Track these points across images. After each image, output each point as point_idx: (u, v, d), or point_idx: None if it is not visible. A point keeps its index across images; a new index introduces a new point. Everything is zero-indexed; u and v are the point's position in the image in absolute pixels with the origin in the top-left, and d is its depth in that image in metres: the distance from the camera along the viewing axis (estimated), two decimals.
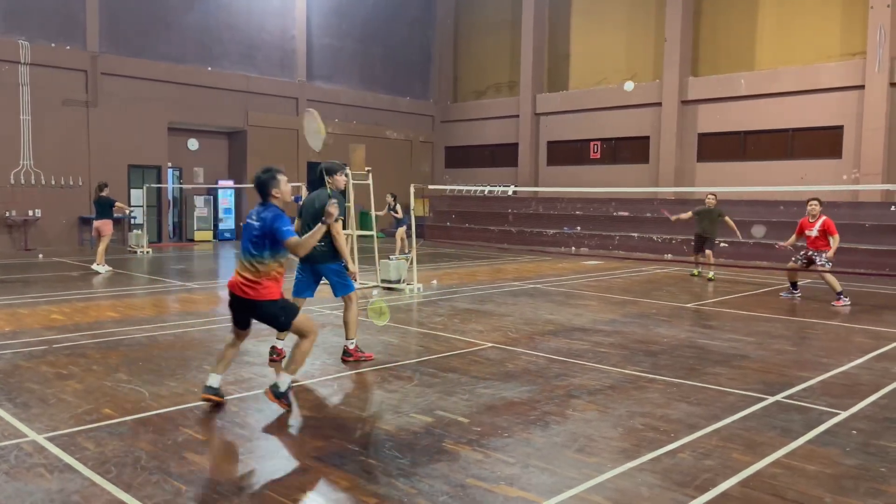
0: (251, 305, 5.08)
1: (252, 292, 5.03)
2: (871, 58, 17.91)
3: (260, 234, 5.01)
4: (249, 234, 5.09)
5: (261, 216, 5.06)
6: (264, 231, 4.99)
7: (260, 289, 5.03)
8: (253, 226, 5.07)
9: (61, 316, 9.01)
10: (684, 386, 6.02)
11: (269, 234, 4.98)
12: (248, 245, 5.09)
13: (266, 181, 5.11)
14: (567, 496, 3.77)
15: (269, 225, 4.98)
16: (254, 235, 5.04)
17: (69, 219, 19.61)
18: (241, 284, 5.05)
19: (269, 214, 5.02)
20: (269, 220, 4.99)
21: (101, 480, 3.88)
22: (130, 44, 20.48)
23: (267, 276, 5.04)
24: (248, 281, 5.04)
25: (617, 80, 23.26)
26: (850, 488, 3.93)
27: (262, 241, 5.01)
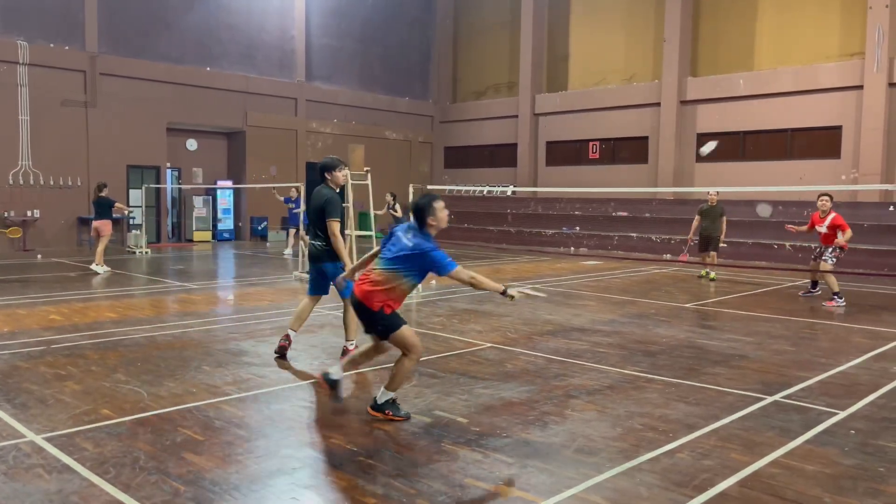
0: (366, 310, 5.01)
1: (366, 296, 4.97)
2: (870, 58, 17.93)
3: (409, 254, 4.93)
4: (396, 247, 5.01)
5: (417, 242, 4.94)
6: (414, 254, 4.91)
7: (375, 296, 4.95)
8: (405, 244, 4.97)
9: (60, 316, 9.00)
10: (683, 386, 6.02)
11: (417, 260, 4.91)
12: (387, 253, 5.04)
13: (424, 207, 5.01)
14: (566, 496, 3.77)
15: (423, 254, 4.89)
16: (401, 251, 4.96)
17: (68, 219, 19.60)
18: (362, 284, 5.04)
19: (429, 246, 4.91)
20: (427, 250, 4.89)
21: (100, 481, 3.88)
22: (129, 44, 20.47)
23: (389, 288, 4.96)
24: (370, 284, 4.99)
25: (616, 80, 23.26)
26: (848, 488, 3.93)
27: (405, 261, 4.95)
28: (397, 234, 5.13)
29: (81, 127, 19.60)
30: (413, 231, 5.07)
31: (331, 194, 6.59)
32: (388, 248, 5.11)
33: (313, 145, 24.78)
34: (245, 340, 7.65)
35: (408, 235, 5.05)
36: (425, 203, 5.06)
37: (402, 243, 5.01)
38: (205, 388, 5.78)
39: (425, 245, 4.93)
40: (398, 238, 5.08)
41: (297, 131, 24.29)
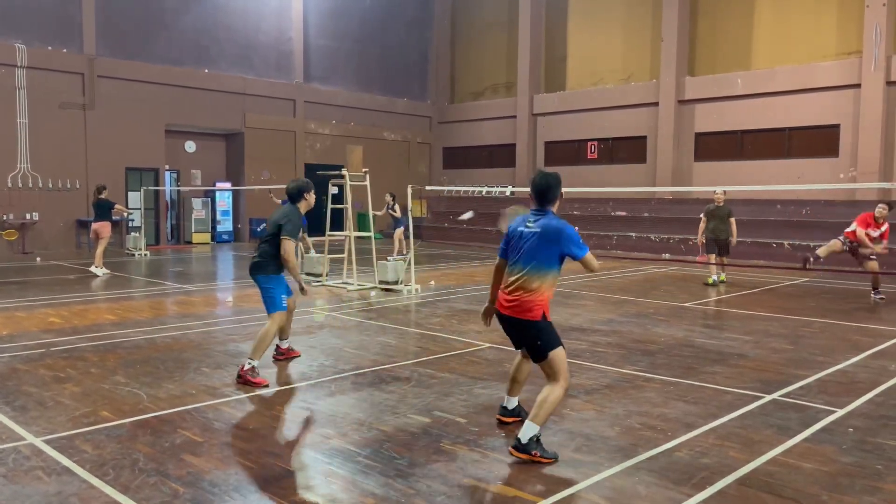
0: (516, 323, 4.49)
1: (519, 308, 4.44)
2: (868, 56, 17.95)
3: (541, 237, 4.41)
4: (529, 238, 4.45)
5: (546, 221, 4.43)
6: (548, 235, 4.40)
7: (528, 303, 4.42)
8: (533, 230, 4.45)
9: (59, 319, 9.00)
10: (682, 385, 6.03)
11: (553, 241, 4.40)
12: (516, 254, 4.51)
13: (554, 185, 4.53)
14: (564, 495, 3.77)
15: (557, 232, 4.39)
16: (534, 241, 4.42)
17: (67, 221, 19.59)
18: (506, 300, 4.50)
19: (562, 223, 4.43)
20: (561, 227, 4.40)
21: (99, 483, 3.88)
22: (127, 46, 20.47)
23: (537, 288, 4.42)
24: (516, 293, 4.45)
25: (614, 80, 23.29)
26: (846, 486, 3.94)
27: (539, 249, 4.40)
28: (517, 229, 4.54)
29: (80, 129, 19.60)
30: (535, 214, 4.53)
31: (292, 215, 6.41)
32: (519, 246, 4.49)
33: (312, 146, 24.78)
34: (244, 342, 7.65)
35: (529, 223, 4.50)
36: (555, 180, 4.53)
37: (529, 231, 4.46)
38: (204, 390, 5.78)
39: (555, 221, 4.42)
40: (523, 232, 4.49)
41: (295, 133, 24.29)
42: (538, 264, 4.40)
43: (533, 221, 4.49)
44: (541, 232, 4.41)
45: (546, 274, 4.41)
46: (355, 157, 12.69)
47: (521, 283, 4.42)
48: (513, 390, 4.98)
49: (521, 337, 4.53)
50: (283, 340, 6.93)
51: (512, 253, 4.56)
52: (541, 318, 4.38)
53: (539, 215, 4.51)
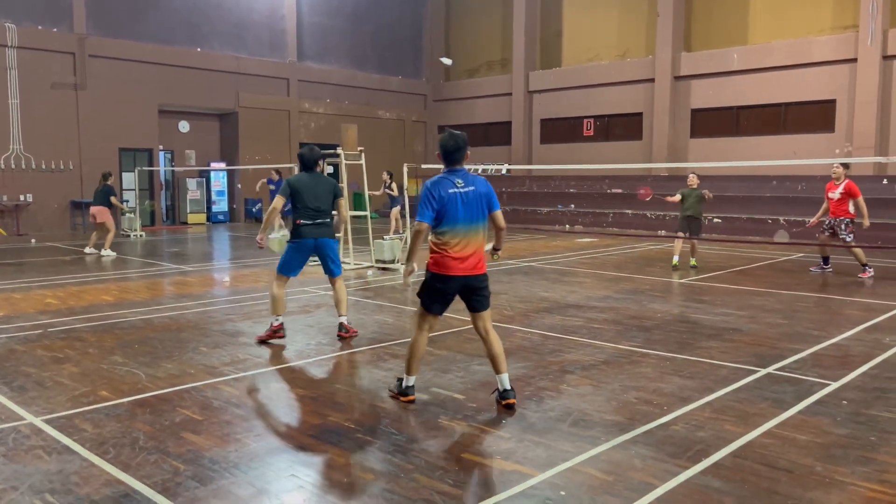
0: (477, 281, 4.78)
1: (483, 264, 4.78)
2: (864, 31, 17.86)
3: (478, 199, 4.71)
4: (476, 202, 4.70)
5: (478, 180, 4.76)
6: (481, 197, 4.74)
7: (483, 259, 4.82)
8: (479, 192, 4.72)
9: (56, 300, 9.00)
10: (677, 360, 6.07)
11: (487, 199, 4.77)
12: (479, 214, 4.73)
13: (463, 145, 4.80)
14: (562, 469, 3.81)
15: (488, 190, 4.80)
16: (480, 202, 4.71)
17: (61, 203, 19.53)
18: (479, 259, 4.76)
19: (482, 180, 4.81)
20: (484, 185, 4.79)
21: (100, 461, 3.91)
22: (118, 25, 20.26)
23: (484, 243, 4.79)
24: (480, 251, 4.76)
25: (610, 56, 23.15)
26: (840, 457, 3.99)
27: (484, 208, 4.74)
28: (450, 193, 4.65)
29: (72, 110, 19.45)
30: (459, 175, 4.74)
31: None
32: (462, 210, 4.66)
33: (306, 126, 24.65)
34: (241, 321, 7.67)
35: (459, 184, 4.69)
36: (463, 140, 4.81)
37: (464, 193, 4.67)
38: (202, 369, 5.81)
39: (478, 178, 4.79)
40: (462, 196, 4.66)
41: (289, 112, 24.15)
42: (483, 219, 4.75)
43: (462, 182, 4.71)
44: (476, 189, 4.72)
45: (485, 226, 4.76)
46: (350, 136, 12.61)
47: (476, 240, 4.71)
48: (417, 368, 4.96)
49: (476, 292, 4.80)
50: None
51: (449, 218, 4.67)
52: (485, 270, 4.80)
53: (460, 175, 4.76)
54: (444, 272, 4.70)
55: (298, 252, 6.73)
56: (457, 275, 4.70)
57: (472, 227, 4.70)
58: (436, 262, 4.72)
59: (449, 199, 4.66)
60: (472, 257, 4.71)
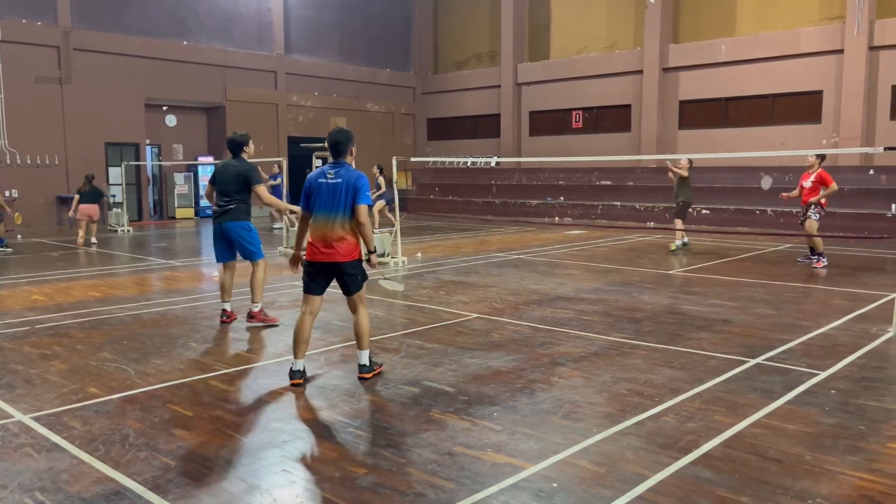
0: (341, 267, 5.10)
1: (344, 252, 5.07)
2: (850, 22, 17.94)
3: (348, 189, 5.01)
4: (333, 193, 5.02)
5: (347, 175, 5.04)
6: (350, 187, 5.01)
7: (350, 247, 5.10)
8: (340, 184, 5.01)
9: (43, 297, 8.93)
10: (667, 351, 6.10)
11: (352, 191, 5.01)
12: (339, 204, 5.02)
13: (345, 139, 5.14)
14: (553, 461, 3.82)
15: (356, 180, 5.02)
16: (342, 193, 5.01)
17: (47, 198, 19.34)
18: (335, 245, 5.04)
19: (357, 173, 5.06)
20: (357, 176, 5.04)
21: (90, 458, 3.88)
22: (103, 18, 20.04)
23: (353, 234, 5.09)
24: (340, 240, 5.05)
25: (598, 48, 23.16)
26: (829, 446, 4.02)
27: (348, 197, 5.01)
28: (319, 182, 5.07)
29: (57, 104, 19.25)
30: (335, 167, 5.10)
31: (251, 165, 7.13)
32: (324, 199, 5.05)
33: (294, 119, 24.52)
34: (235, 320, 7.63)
35: (329, 175, 5.07)
36: (346, 136, 5.15)
37: (331, 184, 5.04)
38: (192, 365, 5.78)
39: (353, 173, 5.06)
40: (327, 185, 5.04)
41: (277, 105, 24.01)
42: (344, 210, 5.02)
43: (333, 173, 5.06)
44: (343, 181, 5.02)
45: (351, 219, 5.05)
46: None
47: (336, 229, 5.02)
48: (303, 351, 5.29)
49: (344, 276, 5.13)
50: (227, 303, 7.36)
51: (314, 206, 5.10)
52: (358, 258, 5.11)
53: (336, 167, 5.10)
54: (309, 258, 5.16)
55: (214, 238, 7.19)
56: (318, 260, 5.10)
57: (330, 216, 5.04)
58: (307, 249, 5.20)
59: (315, 189, 5.10)
60: (334, 245, 5.04)
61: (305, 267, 5.22)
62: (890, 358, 5.94)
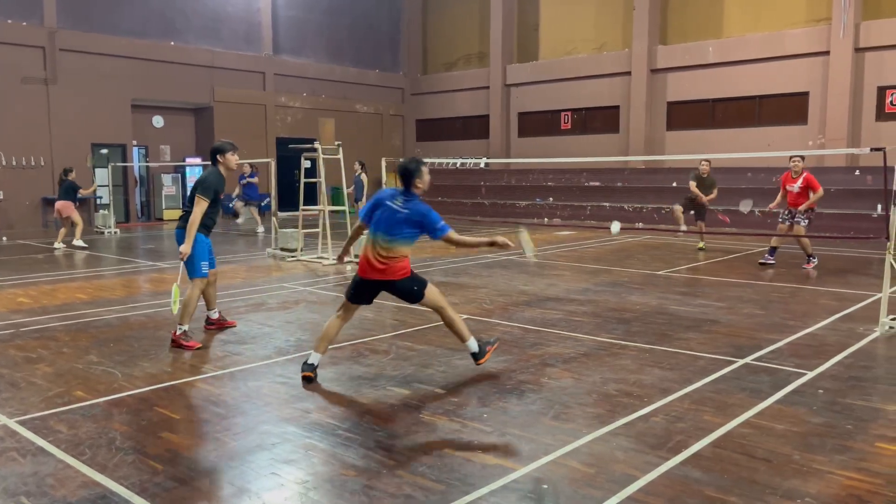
0: (385, 284, 5.24)
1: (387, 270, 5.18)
2: (836, 23, 18.07)
3: (403, 220, 5.14)
4: (389, 216, 5.16)
5: (408, 205, 5.17)
6: (410, 219, 5.14)
7: (401, 266, 5.22)
8: (398, 211, 5.16)
9: (28, 299, 8.84)
10: (656, 351, 6.11)
11: (415, 224, 5.15)
12: (384, 227, 5.17)
13: (413, 170, 5.22)
14: (543, 462, 3.82)
15: (417, 217, 5.13)
16: (396, 220, 5.14)
17: (32, 200, 19.17)
18: (388, 264, 5.17)
19: (422, 208, 5.17)
20: (418, 212, 5.14)
21: (76, 462, 3.84)
22: (89, 18, 19.89)
23: (400, 255, 5.21)
24: (392, 260, 5.17)
25: (587, 49, 23.22)
26: (817, 445, 4.04)
27: (401, 227, 5.15)
28: (384, 203, 5.22)
29: (43, 105, 19.09)
30: (401, 196, 5.22)
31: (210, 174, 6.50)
32: (380, 219, 5.20)
33: (283, 120, 24.44)
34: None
35: (397, 202, 5.19)
36: (414, 166, 5.23)
37: (393, 211, 5.16)
38: (180, 367, 5.74)
39: (421, 207, 5.17)
40: (387, 207, 5.19)
41: (265, 106, 23.92)
42: (399, 237, 5.14)
43: (402, 202, 5.19)
44: (409, 212, 5.15)
45: (405, 245, 5.20)
46: (327, 130, 12.54)
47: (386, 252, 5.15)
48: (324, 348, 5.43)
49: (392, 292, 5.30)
50: (212, 311, 7.08)
51: (377, 222, 5.22)
52: (402, 279, 5.23)
53: (407, 197, 5.22)
54: (360, 274, 5.30)
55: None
56: (370, 278, 5.24)
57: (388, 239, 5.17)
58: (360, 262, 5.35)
59: (382, 208, 5.26)
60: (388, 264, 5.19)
61: (356, 279, 5.33)
62: (876, 357, 5.99)
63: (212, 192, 6.38)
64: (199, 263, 6.49)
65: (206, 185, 6.38)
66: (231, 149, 6.67)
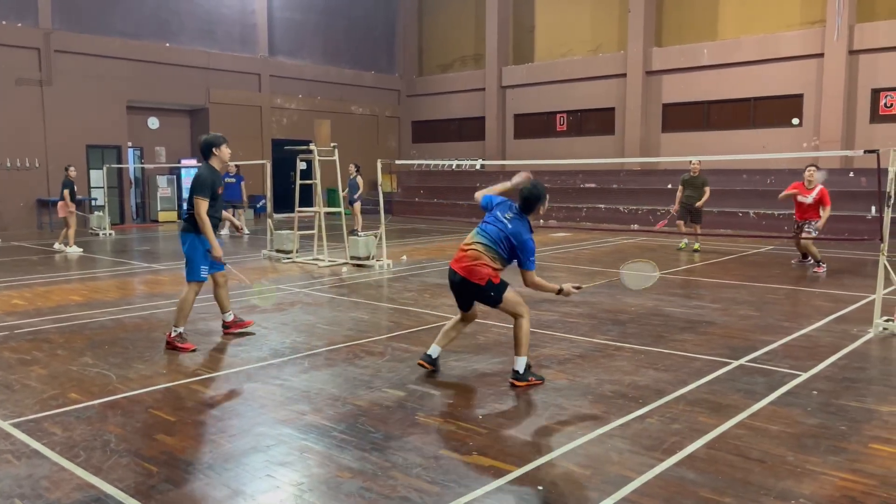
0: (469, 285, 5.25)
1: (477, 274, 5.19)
2: (830, 26, 18.15)
3: (507, 236, 5.16)
4: (496, 225, 5.21)
5: (517, 226, 5.17)
6: (511, 238, 5.15)
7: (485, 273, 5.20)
8: (505, 225, 5.18)
9: (23, 301, 8.81)
10: (652, 353, 6.13)
11: (513, 243, 5.15)
12: (489, 228, 5.24)
13: (539, 197, 5.22)
14: (538, 463, 3.83)
15: (520, 241, 5.13)
16: (501, 232, 5.18)
17: (27, 202, 19.12)
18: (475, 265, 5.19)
19: (528, 236, 5.17)
20: (526, 239, 5.14)
21: (70, 465, 3.83)
22: (84, 19, 19.85)
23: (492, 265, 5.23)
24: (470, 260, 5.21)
25: (582, 51, 23.26)
26: (810, 446, 4.05)
27: (503, 242, 5.17)
28: (497, 211, 5.28)
29: (37, 106, 19.04)
30: (515, 214, 5.24)
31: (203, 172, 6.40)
32: (489, 223, 5.26)
33: (278, 121, 24.42)
34: (214, 320, 7.57)
35: (507, 216, 5.22)
36: (540, 194, 5.22)
37: (502, 223, 5.20)
38: (175, 369, 5.73)
39: (525, 233, 5.14)
40: (498, 217, 5.24)
41: (261, 107, 23.90)
42: (495, 250, 5.17)
43: (511, 219, 5.21)
44: (511, 230, 5.15)
45: (499, 259, 5.21)
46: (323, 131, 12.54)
47: (479, 253, 5.18)
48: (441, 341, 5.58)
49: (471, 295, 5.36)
50: (226, 314, 6.98)
51: (485, 224, 5.28)
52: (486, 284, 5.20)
53: (517, 216, 5.22)
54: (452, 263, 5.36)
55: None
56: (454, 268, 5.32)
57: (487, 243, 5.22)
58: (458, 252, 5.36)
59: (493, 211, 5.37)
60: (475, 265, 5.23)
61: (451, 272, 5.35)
62: (870, 359, 6.01)
63: (208, 189, 6.31)
64: (198, 267, 6.47)
65: (202, 184, 6.29)
66: (224, 141, 6.60)
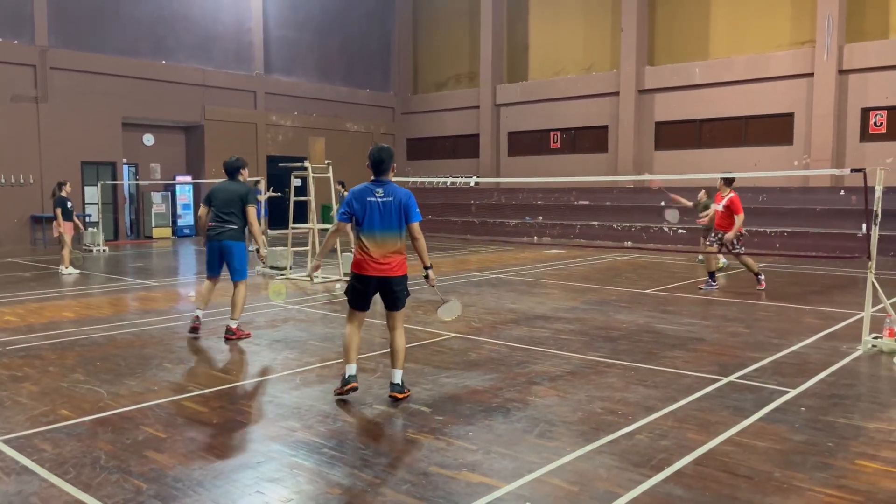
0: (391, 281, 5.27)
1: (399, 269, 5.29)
2: (820, 46, 18.38)
3: (403, 206, 5.20)
4: (389, 210, 5.18)
5: (401, 192, 5.22)
6: (400, 207, 5.20)
7: (401, 263, 5.32)
8: (397, 201, 5.19)
9: (14, 317, 8.80)
10: (642, 370, 6.16)
11: (405, 208, 5.21)
12: (394, 222, 5.21)
13: (390, 156, 5.30)
14: (528, 480, 3.84)
15: (408, 199, 5.22)
16: (395, 211, 5.19)
17: (21, 218, 19.11)
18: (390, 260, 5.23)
19: (403, 191, 5.23)
20: (408, 195, 5.22)
21: (60, 482, 3.83)
22: (80, 37, 19.97)
23: (403, 250, 5.31)
24: (395, 254, 5.26)
25: (575, 70, 23.48)
26: (798, 463, 4.08)
27: (401, 217, 5.20)
28: (368, 200, 5.20)
29: (33, 123, 19.09)
30: (383, 186, 5.23)
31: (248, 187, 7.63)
32: (378, 217, 5.18)
33: (273, 139, 24.52)
34: (207, 337, 7.59)
35: (380, 194, 5.20)
36: (389, 151, 5.31)
37: (388, 205, 5.18)
38: (166, 386, 5.73)
39: (402, 192, 5.22)
40: (378, 204, 5.18)
41: (256, 125, 24.00)
42: (399, 228, 5.22)
43: (382, 192, 5.21)
44: (394, 199, 5.19)
45: (402, 234, 5.24)
46: (318, 148, 12.60)
47: (391, 245, 5.21)
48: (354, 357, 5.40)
49: (391, 292, 5.30)
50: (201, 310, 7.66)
51: (367, 224, 5.22)
52: (405, 274, 5.31)
53: (382, 186, 5.24)
54: (361, 272, 5.26)
55: (209, 253, 7.53)
56: (371, 275, 5.24)
57: (387, 234, 5.21)
58: (356, 263, 5.30)
59: (367, 206, 5.21)
60: (388, 259, 5.22)
61: (354, 281, 5.31)
62: (859, 375, 6.05)
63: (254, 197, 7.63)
64: (245, 268, 7.51)
65: (253, 195, 7.58)
66: (247, 165, 7.78)
